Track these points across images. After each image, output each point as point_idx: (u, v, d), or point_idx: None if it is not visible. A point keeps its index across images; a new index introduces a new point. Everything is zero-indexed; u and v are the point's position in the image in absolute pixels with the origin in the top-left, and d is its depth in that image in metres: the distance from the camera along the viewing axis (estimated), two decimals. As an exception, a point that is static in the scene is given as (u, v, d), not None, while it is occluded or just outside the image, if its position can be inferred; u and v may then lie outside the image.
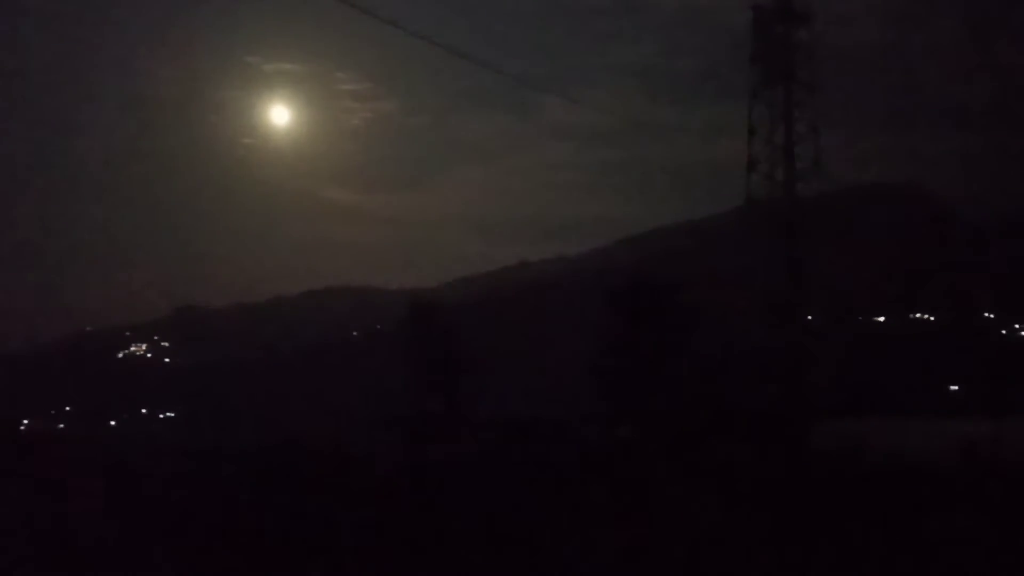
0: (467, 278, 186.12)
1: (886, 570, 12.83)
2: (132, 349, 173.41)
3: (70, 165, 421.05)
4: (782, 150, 44.06)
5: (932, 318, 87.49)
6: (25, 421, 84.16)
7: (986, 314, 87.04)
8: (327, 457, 26.96)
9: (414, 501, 18.19)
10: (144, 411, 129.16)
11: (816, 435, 31.84)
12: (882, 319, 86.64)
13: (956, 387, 72.47)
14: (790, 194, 43.98)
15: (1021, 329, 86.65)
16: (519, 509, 17.41)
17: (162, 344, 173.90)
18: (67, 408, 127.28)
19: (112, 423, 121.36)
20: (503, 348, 72.87)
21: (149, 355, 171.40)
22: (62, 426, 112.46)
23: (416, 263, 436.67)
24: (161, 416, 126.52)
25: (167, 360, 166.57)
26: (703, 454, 26.58)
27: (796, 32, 43.81)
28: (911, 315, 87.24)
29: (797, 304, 42.87)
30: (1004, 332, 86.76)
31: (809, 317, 46.30)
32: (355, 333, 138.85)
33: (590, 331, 36.96)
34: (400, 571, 13.17)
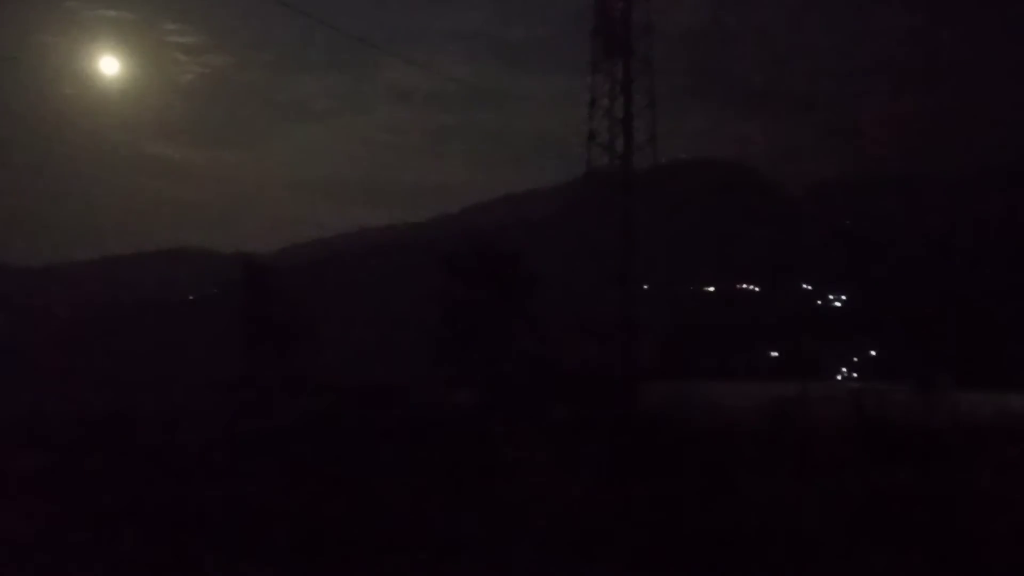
0: (305, 243, 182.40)
1: (695, 512, 13.84)
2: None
3: None
4: (620, 123, 45.61)
5: (756, 288, 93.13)
6: None
7: (804, 285, 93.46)
8: (142, 426, 26.16)
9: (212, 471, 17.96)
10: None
11: (642, 396, 33.47)
12: (711, 288, 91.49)
13: (776, 353, 77.84)
14: (627, 165, 45.60)
15: (834, 299, 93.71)
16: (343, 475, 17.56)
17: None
18: None
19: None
20: (340, 314, 72.18)
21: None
22: None
23: (251, 226, 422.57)
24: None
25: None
26: (538, 416, 27.45)
27: (636, 8, 45.31)
28: (737, 285, 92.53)
29: (630, 272, 44.64)
30: (820, 302, 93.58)
31: (644, 286, 48.45)
32: (191, 297, 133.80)
33: (430, 298, 37.23)
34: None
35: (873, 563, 11.31)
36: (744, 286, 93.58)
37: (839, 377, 71.76)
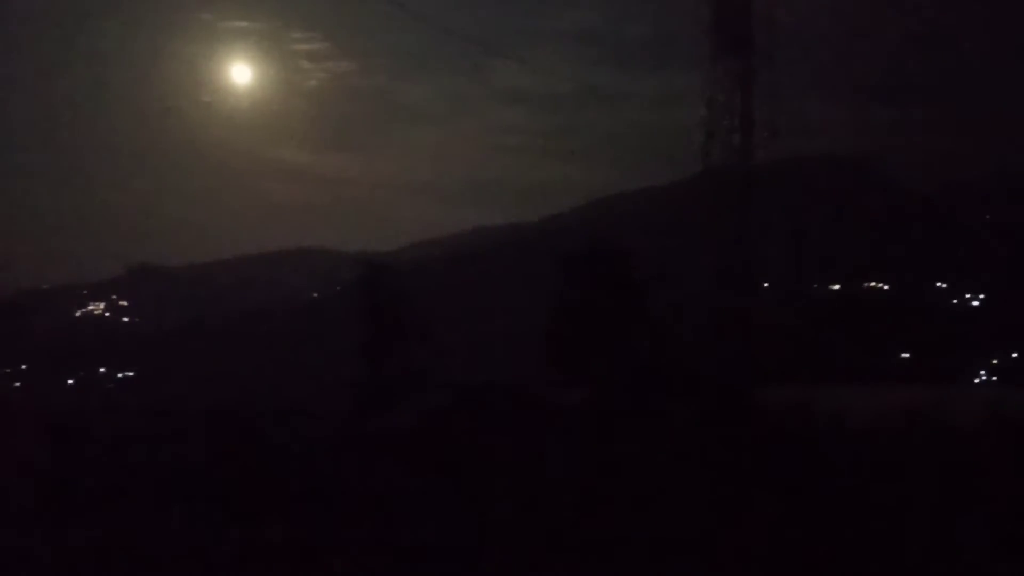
0: (423, 242, 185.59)
1: (825, 530, 13.27)
2: (90, 308, 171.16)
3: (22, 120, 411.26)
4: (740, 119, 44.37)
5: (885, 287, 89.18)
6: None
7: (938, 284, 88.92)
8: (273, 421, 27.16)
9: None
10: (102, 370, 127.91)
11: (763, 400, 32.53)
12: (836, 287, 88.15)
13: (907, 355, 74.21)
14: (746, 162, 44.36)
15: (971, 299, 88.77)
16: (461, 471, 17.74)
17: (120, 303, 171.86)
18: (23, 367, 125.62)
19: (70, 382, 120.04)
20: (457, 312, 73.11)
21: (107, 314, 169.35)
22: (17, 384, 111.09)
23: (370, 226, 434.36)
24: (119, 376, 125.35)
25: (125, 319, 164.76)
26: (654, 417, 27.07)
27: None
28: (864, 284, 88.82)
29: (750, 271, 43.45)
30: (955, 301, 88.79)
31: (765, 285, 47.06)
32: (315, 295, 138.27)
33: (545, 296, 37.27)
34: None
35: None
36: (872, 285, 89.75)
37: (976, 381, 67.85)
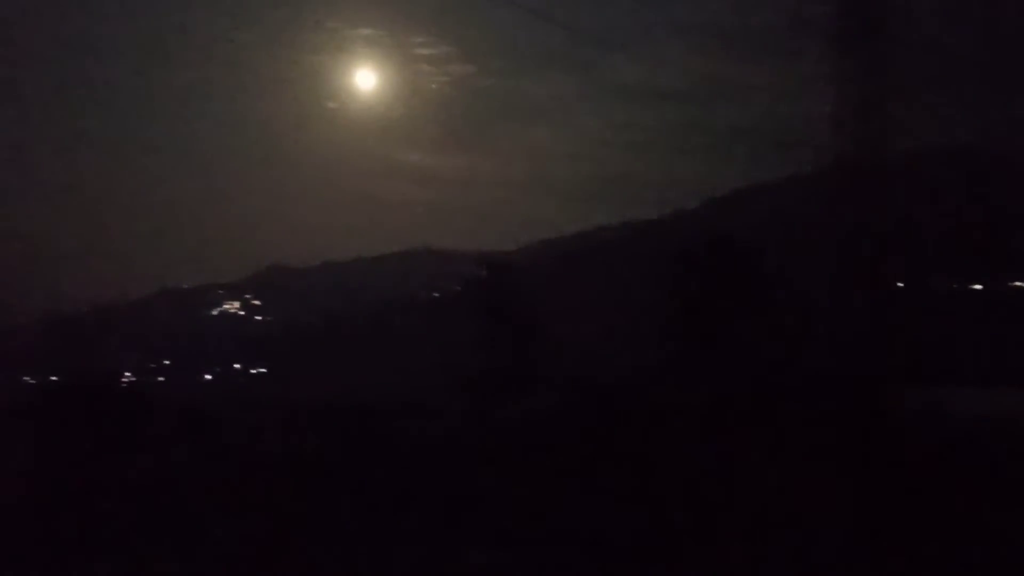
0: (543, 241, 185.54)
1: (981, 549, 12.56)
2: (225, 306, 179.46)
3: (152, 126, 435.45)
4: (870, 108, 42.63)
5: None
6: (127, 374, 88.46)
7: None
8: (402, 415, 27.82)
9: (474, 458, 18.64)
10: (237, 366, 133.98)
11: (896, 400, 31.26)
12: (978, 287, 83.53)
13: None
14: (877, 154, 42.61)
15: None
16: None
17: (253, 302, 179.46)
18: (165, 362, 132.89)
19: (208, 377, 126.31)
20: (579, 311, 73.01)
21: (242, 312, 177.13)
22: (161, 379, 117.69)
23: (491, 226, 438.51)
24: (253, 372, 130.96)
25: (258, 317, 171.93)
26: (782, 416, 26.40)
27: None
28: (1009, 283, 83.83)
29: (881, 268, 41.76)
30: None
31: (898, 284, 45.04)
32: (436, 294, 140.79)
33: (667, 295, 36.83)
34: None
35: None
36: (1019, 284, 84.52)
37: None
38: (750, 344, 35.68)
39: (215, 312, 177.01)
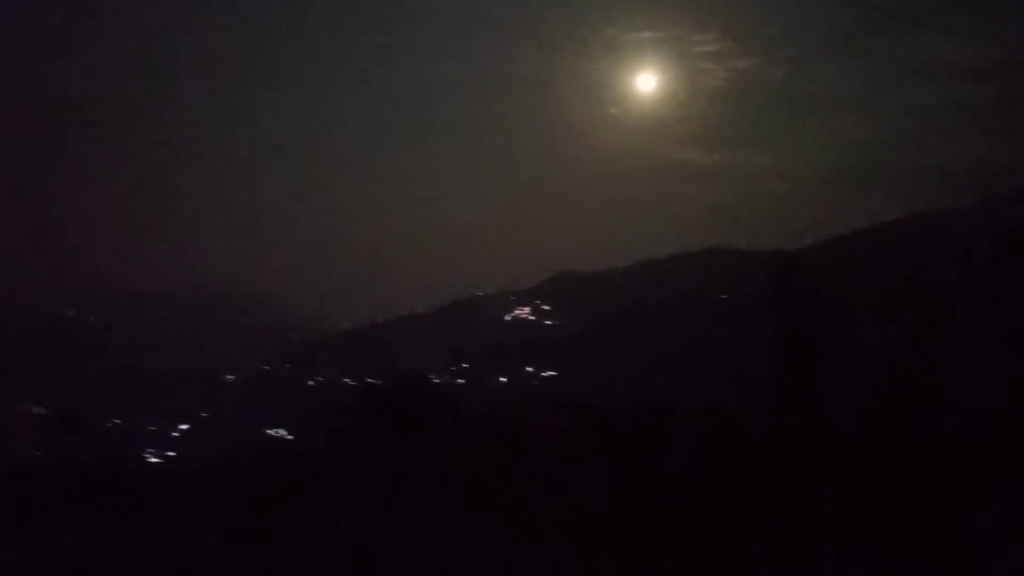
0: (840, 236, 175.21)
1: None
2: (516, 312, 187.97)
3: (443, 146, 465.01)
4: None
5: None
6: (433, 378, 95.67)
7: None
8: (700, 418, 27.62)
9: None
10: (529, 370, 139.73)
11: None
12: None
13: None
14: None
15: None
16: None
17: (543, 307, 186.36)
18: (464, 365, 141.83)
19: (503, 379, 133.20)
20: (883, 310, 68.27)
21: (532, 317, 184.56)
22: (461, 381, 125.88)
23: (780, 222, 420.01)
24: (544, 375, 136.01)
25: (548, 322, 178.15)
26: None
27: None
28: None
29: None
30: None
31: None
32: (723, 296, 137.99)
33: (986, 289, 33.49)
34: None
35: None
36: None
37: None
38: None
39: (508, 318, 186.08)
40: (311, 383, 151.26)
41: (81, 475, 34.65)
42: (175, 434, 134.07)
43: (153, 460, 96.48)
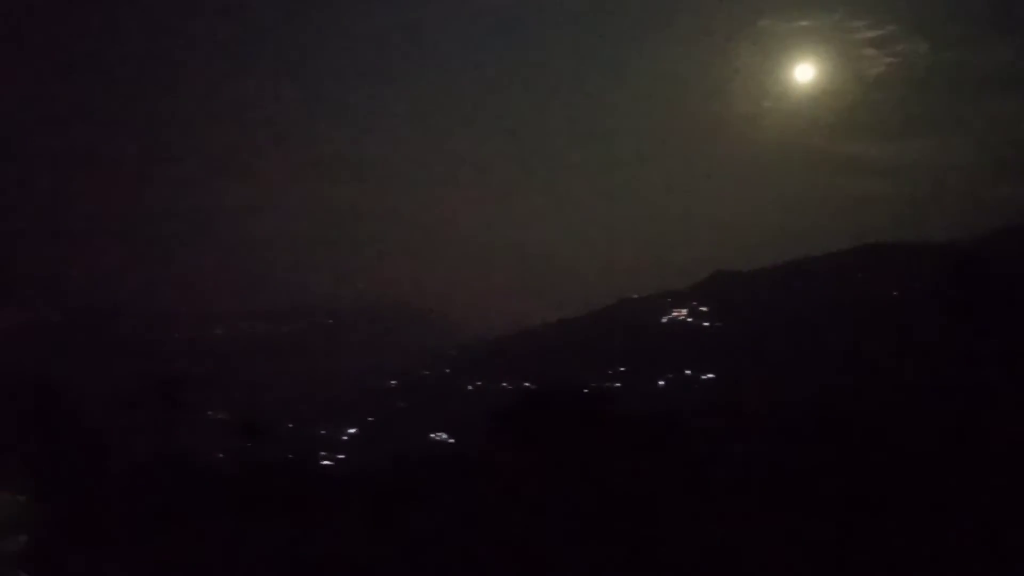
0: (1013, 227, 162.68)
1: None
2: (674, 313, 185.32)
3: (602, 159, 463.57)
4: None
5: None
6: (590, 381, 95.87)
7: None
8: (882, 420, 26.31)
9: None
10: (688, 372, 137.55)
11: None
12: None
13: None
14: None
15: None
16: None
17: (700, 309, 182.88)
18: (621, 369, 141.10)
19: (660, 383, 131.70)
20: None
21: (690, 319, 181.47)
22: (618, 385, 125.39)
23: (953, 214, 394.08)
24: (702, 377, 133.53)
25: (706, 324, 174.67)
26: None
27: None
28: None
29: None
30: None
31: None
32: (894, 293, 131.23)
33: None
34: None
35: None
36: None
37: None
38: None
39: (665, 320, 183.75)
40: (470, 388, 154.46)
41: (266, 477, 36.93)
42: (344, 438, 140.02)
43: (326, 463, 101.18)
